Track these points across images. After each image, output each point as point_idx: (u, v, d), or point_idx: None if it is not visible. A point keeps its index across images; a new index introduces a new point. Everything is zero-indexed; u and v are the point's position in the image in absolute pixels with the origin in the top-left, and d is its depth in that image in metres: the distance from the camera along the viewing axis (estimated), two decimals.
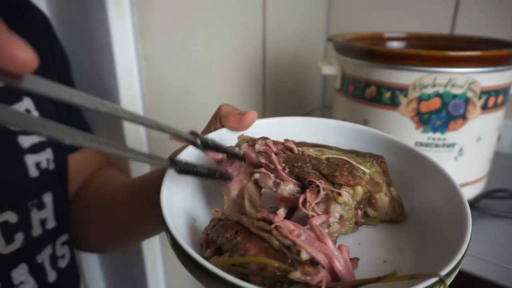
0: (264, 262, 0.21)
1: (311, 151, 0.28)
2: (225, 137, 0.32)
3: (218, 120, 0.33)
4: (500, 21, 0.75)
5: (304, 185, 0.27)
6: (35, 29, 0.44)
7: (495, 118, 0.50)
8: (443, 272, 0.20)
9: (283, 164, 0.26)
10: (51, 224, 0.42)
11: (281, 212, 0.24)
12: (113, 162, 0.59)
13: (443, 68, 0.45)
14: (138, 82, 0.56)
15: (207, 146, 0.26)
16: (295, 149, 0.27)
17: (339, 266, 0.22)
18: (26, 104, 0.40)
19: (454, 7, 0.79)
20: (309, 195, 0.25)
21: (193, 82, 0.65)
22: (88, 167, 0.54)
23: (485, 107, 0.48)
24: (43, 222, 0.41)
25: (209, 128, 0.34)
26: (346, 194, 0.26)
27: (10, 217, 0.38)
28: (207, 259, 0.24)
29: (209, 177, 0.27)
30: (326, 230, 0.26)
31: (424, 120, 0.48)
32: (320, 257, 0.22)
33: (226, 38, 0.69)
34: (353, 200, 0.26)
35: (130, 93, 0.55)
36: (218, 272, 0.19)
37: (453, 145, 0.49)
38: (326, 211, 0.26)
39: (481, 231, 0.51)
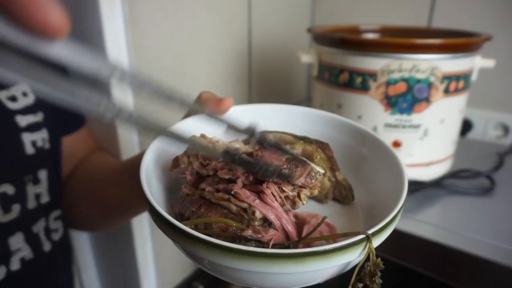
0: (224, 222, 0.25)
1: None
2: (203, 121, 0.34)
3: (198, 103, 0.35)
4: (474, 14, 0.80)
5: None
6: None
7: (457, 101, 0.55)
8: (370, 231, 0.22)
9: (245, 174, 0.27)
10: (45, 198, 0.45)
11: (239, 181, 0.27)
12: (104, 147, 0.62)
13: (407, 55, 0.49)
14: (128, 69, 0.59)
15: (265, 144, 0.28)
16: (258, 152, 0.28)
17: (288, 225, 0.26)
18: (23, 86, 0.43)
19: (430, 2, 0.84)
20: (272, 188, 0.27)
21: (181, 71, 0.68)
22: (81, 150, 0.57)
23: (447, 91, 0.52)
24: (37, 196, 0.44)
25: (190, 113, 0.36)
26: (305, 199, 0.27)
27: (8, 189, 0.40)
28: None
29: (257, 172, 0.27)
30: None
31: (392, 102, 0.52)
32: (271, 216, 0.25)
33: (213, 29, 0.72)
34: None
35: None
36: (184, 228, 0.22)
37: (418, 126, 0.54)
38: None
39: (447, 206, 0.56)
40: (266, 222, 0.26)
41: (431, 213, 0.54)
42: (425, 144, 0.55)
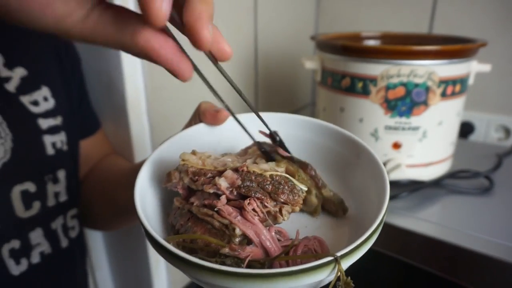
0: (205, 239, 0.26)
1: (252, 166, 0.29)
2: (202, 131, 0.35)
3: (197, 116, 0.36)
4: (474, 20, 0.82)
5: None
6: None
7: (454, 104, 0.57)
8: (339, 253, 0.23)
9: (230, 189, 0.28)
10: (63, 197, 0.48)
11: (223, 198, 0.28)
12: (118, 150, 0.65)
13: (406, 61, 0.52)
14: (142, 76, 0.62)
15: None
16: (244, 167, 0.29)
17: (266, 242, 0.27)
18: (44, 92, 0.45)
19: (431, 9, 0.87)
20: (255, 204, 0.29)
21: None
22: (97, 153, 0.60)
23: (444, 95, 0.55)
24: (56, 194, 0.47)
25: (190, 123, 0.37)
26: (286, 215, 0.29)
27: (30, 186, 0.43)
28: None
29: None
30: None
31: (391, 106, 0.55)
32: (250, 233, 0.26)
33: None
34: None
35: (135, 86, 0.62)
36: (166, 245, 0.24)
37: (417, 128, 0.56)
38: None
39: (446, 205, 0.58)
40: (246, 238, 0.27)
41: (431, 212, 0.56)
42: (424, 146, 0.57)
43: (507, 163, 0.69)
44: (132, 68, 0.60)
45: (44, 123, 0.45)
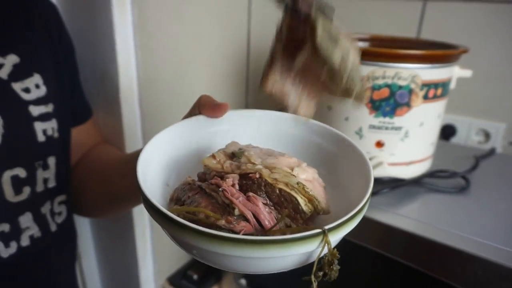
0: (204, 212, 0.29)
1: (266, 174, 0.31)
2: (202, 122, 0.37)
3: (197, 108, 0.38)
4: (459, 28, 0.85)
5: None
6: (46, 18, 0.50)
7: (435, 107, 0.60)
8: (328, 227, 0.25)
9: (236, 195, 0.30)
10: (51, 183, 0.48)
11: (229, 180, 0.30)
12: (109, 139, 0.66)
13: (390, 63, 0.55)
14: (135, 68, 0.64)
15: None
16: (256, 175, 0.30)
17: (266, 221, 0.29)
18: (36, 79, 0.46)
19: (420, 15, 0.90)
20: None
21: (183, 71, 0.73)
22: (88, 141, 0.61)
23: (426, 97, 0.58)
24: (45, 180, 0.47)
25: (190, 113, 0.38)
26: (283, 226, 0.30)
27: (20, 172, 0.44)
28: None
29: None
30: None
31: (376, 106, 0.58)
32: (247, 213, 0.28)
33: (214, 32, 0.77)
34: None
35: (128, 77, 0.63)
36: (164, 211, 0.25)
37: (400, 128, 0.59)
38: None
39: (425, 202, 0.61)
40: (244, 218, 0.28)
41: (411, 208, 0.59)
42: (406, 145, 0.60)
43: (484, 164, 0.73)
44: (125, 59, 0.61)
45: (36, 110, 0.45)
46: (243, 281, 0.78)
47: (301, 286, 0.29)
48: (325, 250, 0.26)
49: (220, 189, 0.30)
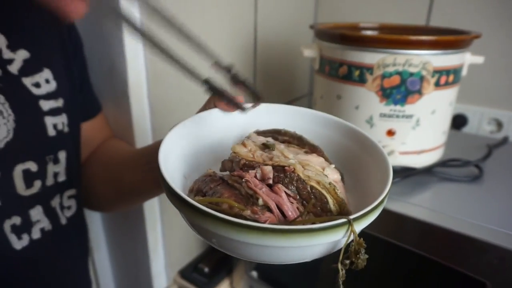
0: (228, 203, 0.28)
1: (300, 169, 0.31)
2: (216, 116, 0.37)
3: (212, 102, 0.38)
4: (470, 13, 0.84)
5: None
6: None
7: (447, 94, 0.59)
8: (352, 217, 0.25)
9: (260, 186, 0.30)
10: (62, 177, 0.49)
11: (252, 172, 0.31)
12: (119, 135, 0.67)
13: (401, 50, 0.54)
14: (144, 63, 0.64)
15: (236, 80, 0.33)
16: (291, 169, 0.30)
17: (289, 211, 0.29)
18: (46, 74, 0.46)
19: (429, 2, 0.88)
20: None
21: (191, 64, 0.72)
22: (98, 136, 0.62)
23: (437, 84, 0.57)
24: (56, 175, 0.48)
25: (204, 107, 0.39)
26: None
27: (32, 166, 0.44)
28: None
29: (223, 98, 0.34)
30: None
31: (386, 94, 0.57)
32: (271, 203, 0.28)
33: (221, 25, 0.76)
34: None
35: (137, 72, 0.63)
36: (192, 202, 0.25)
37: (411, 116, 0.58)
38: None
39: (438, 191, 0.60)
40: (268, 208, 0.29)
41: (423, 197, 0.58)
42: (417, 133, 0.59)
43: (497, 153, 0.72)
44: (134, 53, 0.61)
45: (46, 105, 0.46)
46: (254, 274, 0.78)
47: (311, 278, 0.29)
48: (351, 239, 0.26)
49: (243, 180, 0.30)
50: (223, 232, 0.24)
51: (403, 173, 0.62)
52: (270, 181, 0.30)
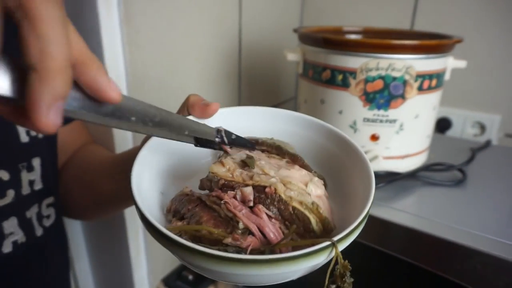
0: (207, 230, 0.27)
1: (281, 189, 0.29)
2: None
3: (185, 109, 0.36)
4: (453, 19, 0.84)
5: None
6: None
7: (430, 98, 0.59)
8: (336, 238, 0.24)
9: (239, 208, 0.29)
10: (38, 185, 0.47)
11: (231, 193, 0.29)
12: (98, 140, 0.65)
13: (384, 54, 0.53)
14: (123, 65, 0.62)
15: (223, 143, 0.31)
16: (272, 190, 0.29)
17: (271, 234, 0.28)
18: None
19: (413, 6, 0.89)
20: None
21: (173, 67, 0.71)
22: (75, 141, 0.60)
23: (420, 89, 0.56)
24: (31, 183, 0.45)
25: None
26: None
27: (3, 175, 0.42)
28: (171, 221, 0.30)
29: (218, 149, 0.32)
30: None
31: (370, 98, 0.56)
32: (252, 226, 0.27)
33: (204, 28, 0.75)
34: None
35: (116, 75, 0.61)
36: (170, 235, 0.24)
37: (394, 121, 0.58)
38: None
39: (422, 196, 0.60)
40: (249, 231, 0.28)
41: (407, 202, 0.58)
42: (401, 138, 0.59)
43: (480, 157, 0.72)
44: (113, 55, 0.59)
45: None
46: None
47: (301, 284, 0.28)
48: (335, 260, 0.25)
49: (222, 202, 0.29)
50: (203, 263, 0.24)
51: (387, 178, 0.61)
52: (251, 203, 0.29)
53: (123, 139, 0.65)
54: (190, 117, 0.35)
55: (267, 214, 0.28)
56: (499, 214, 0.54)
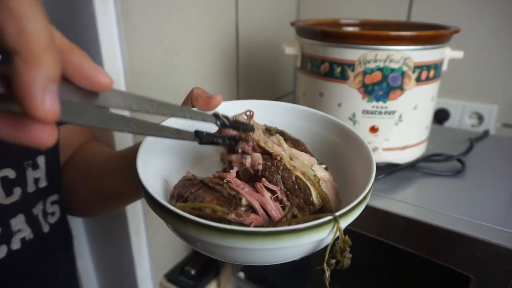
0: (211, 207, 0.28)
1: (287, 159, 0.30)
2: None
3: (189, 101, 0.36)
4: (450, 10, 0.84)
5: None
6: None
7: (429, 89, 0.59)
8: (338, 213, 0.24)
9: (242, 186, 0.30)
10: (43, 183, 0.47)
11: (233, 171, 0.30)
12: (99, 137, 0.65)
13: (382, 46, 0.53)
14: (121, 61, 0.62)
15: (225, 125, 0.31)
16: (278, 157, 0.30)
17: (273, 211, 0.28)
18: None
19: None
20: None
21: (171, 63, 0.71)
22: (77, 139, 0.60)
23: (418, 80, 0.57)
24: (36, 180, 0.46)
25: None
26: (289, 214, 0.30)
27: (9, 173, 0.42)
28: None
29: (222, 145, 0.32)
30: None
31: (368, 91, 0.57)
32: (255, 203, 0.28)
33: (201, 23, 0.75)
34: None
35: (114, 71, 0.61)
36: (175, 210, 0.24)
37: (393, 112, 0.58)
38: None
39: (421, 187, 0.60)
40: (251, 208, 0.28)
41: (407, 193, 0.59)
42: (400, 129, 0.59)
43: (478, 147, 0.72)
44: (110, 52, 0.59)
45: None
46: (241, 274, 0.78)
47: (299, 277, 0.29)
48: (337, 236, 0.25)
49: (224, 181, 0.29)
50: (208, 238, 0.24)
51: (387, 169, 0.62)
52: (260, 167, 0.29)
53: (123, 136, 0.65)
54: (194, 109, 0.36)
55: (269, 189, 0.29)
56: (497, 202, 0.55)
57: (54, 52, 0.17)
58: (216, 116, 0.31)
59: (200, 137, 0.30)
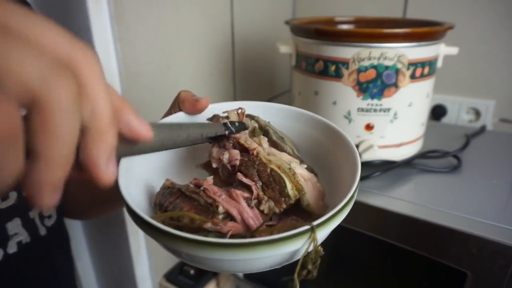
0: (189, 216, 0.27)
1: (263, 154, 0.31)
2: (182, 120, 0.35)
3: (177, 105, 0.36)
4: (445, 6, 0.84)
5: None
6: None
7: (423, 86, 0.59)
8: (316, 222, 0.24)
9: (218, 193, 0.30)
10: None
11: (209, 179, 0.30)
12: None
13: (376, 44, 0.53)
14: (116, 63, 0.62)
15: (232, 132, 0.32)
16: (254, 152, 0.31)
17: (250, 219, 0.28)
18: None
19: None
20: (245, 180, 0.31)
21: (166, 64, 0.71)
22: None
23: (413, 77, 0.57)
24: None
25: (170, 111, 0.37)
26: (267, 208, 0.30)
27: None
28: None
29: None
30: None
31: (363, 88, 0.56)
32: (233, 210, 0.28)
33: (196, 23, 0.75)
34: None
35: (108, 73, 0.61)
36: (150, 221, 0.24)
37: (388, 109, 0.58)
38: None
39: (418, 184, 0.60)
40: (229, 216, 0.28)
41: (404, 190, 0.59)
42: (396, 127, 0.59)
43: (475, 142, 0.72)
44: (104, 53, 0.59)
45: None
46: (240, 274, 0.78)
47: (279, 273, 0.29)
48: (311, 248, 0.25)
49: (201, 189, 0.29)
50: (186, 249, 0.24)
51: (383, 167, 0.61)
52: (237, 162, 0.30)
53: None
54: (181, 114, 0.36)
55: (244, 186, 0.29)
56: (494, 198, 0.55)
57: (114, 126, 0.20)
58: (225, 125, 0.32)
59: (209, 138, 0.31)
